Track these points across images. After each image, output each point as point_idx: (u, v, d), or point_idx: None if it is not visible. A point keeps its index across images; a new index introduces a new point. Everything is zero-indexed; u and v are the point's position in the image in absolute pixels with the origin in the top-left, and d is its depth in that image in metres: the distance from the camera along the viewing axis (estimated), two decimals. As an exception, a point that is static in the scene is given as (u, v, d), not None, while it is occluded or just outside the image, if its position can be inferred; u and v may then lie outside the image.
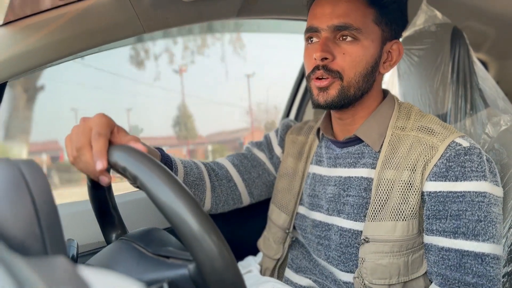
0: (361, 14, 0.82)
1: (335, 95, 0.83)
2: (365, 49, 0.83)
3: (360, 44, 0.82)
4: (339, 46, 0.83)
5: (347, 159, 0.90)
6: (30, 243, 0.42)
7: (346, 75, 0.83)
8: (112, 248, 0.66)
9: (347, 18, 0.82)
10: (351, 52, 0.82)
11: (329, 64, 0.83)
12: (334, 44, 0.83)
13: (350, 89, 0.84)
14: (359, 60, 0.83)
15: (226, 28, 1.39)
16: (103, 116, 0.64)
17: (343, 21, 0.82)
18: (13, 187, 0.44)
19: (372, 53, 0.84)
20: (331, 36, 0.83)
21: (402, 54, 0.89)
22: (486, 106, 1.08)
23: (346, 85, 0.83)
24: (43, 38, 0.82)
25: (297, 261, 1.00)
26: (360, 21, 0.82)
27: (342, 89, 0.83)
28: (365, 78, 0.84)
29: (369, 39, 0.83)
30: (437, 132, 0.81)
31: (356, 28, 0.82)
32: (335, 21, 0.82)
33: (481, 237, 0.73)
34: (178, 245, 0.63)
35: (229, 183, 1.04)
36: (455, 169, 0.76)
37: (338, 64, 0.83)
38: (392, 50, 0.88)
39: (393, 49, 0.88)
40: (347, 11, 0.82)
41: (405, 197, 0.79)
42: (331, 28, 0.83)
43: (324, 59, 0.82)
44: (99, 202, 0.74)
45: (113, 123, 0.65)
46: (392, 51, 0.88)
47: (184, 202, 0.48)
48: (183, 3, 0.94)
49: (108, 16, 0.87)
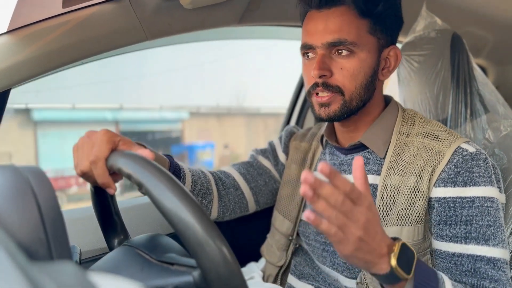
0: (355, 27, 0.81)
1: (337, 109, 0.83)
2: (362, 61, 0.82)
3: (356, 57, 0.82)
4: (336, 62, 0.82)
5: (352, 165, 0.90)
6: (36, 248, 0.42)
7: (347, 90, 0.83)
8: (116, 254, 0.66)
9: (341, 33, 0.80)
10: (349, 66, 0.82)
11: (328, 80, 0.82)
12: (331, 60, 0.83)
13: (352, 102, 0.84)
14: (357, 73, 0.82)
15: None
16: (105, 133, 0.67)
17: (337, 36, 0.81)
18: (19, 194, 0.44)
19: (369, 63, 0.84)
20: (326, 52, 0.83)
21: (400, 58, 0.89)
22: (486, 112, 1.09)
23: (348, 99, 0.83)
24: (46, 45, 0.83)
25: (300, 268, 1.00)
26: (354, 34, 0.81)
27: (344, 104, 0.83)
28: (366, 88, 0.84)
29: (365, 51, 0.82)
30: (442, 138, 0.82)
31: (351, 42, 0.81)
32: (329, 38, 0.81)
33: (491, 242, 0.74)
34: (182, 252, 0.64)
35: (236, 191, 1.05)
36: (464, 174, 0.76)
37: (337, 80, 0.82)
38: (389, 56, 0.87)
39: (390, 55, 0.87)
40: (340, 25, 0.81)
41: (411, 202, 0.79)
42: (326, 45, 0.82)
43: (323, 76, 0.82)
44: (102, 208, 0.74)
45: (115, 138, 0.67)
46: (389, 57, 0.88)
47: (189, 209, 0.48)
48: (186, 10, 0.95)
49: (111, 23, 0.88)
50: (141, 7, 0.90)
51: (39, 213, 0.44)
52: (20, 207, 0.43)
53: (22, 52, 0.82)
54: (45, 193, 0.45)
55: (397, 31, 0.90)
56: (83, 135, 0.70)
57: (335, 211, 0.56)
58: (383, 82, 0.92)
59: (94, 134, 0.68)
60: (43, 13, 0.83)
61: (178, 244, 0.66)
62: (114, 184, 0.67)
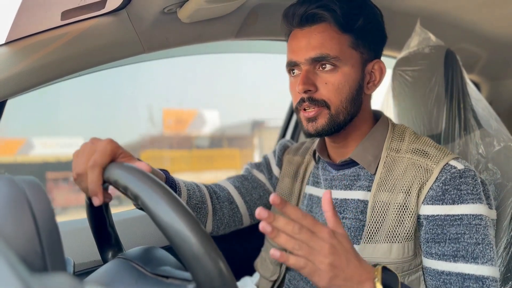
0: (336, 42, 0.83)
1: (324, 123, 0.84)
2: (346, 75, 0.84)
3: (340, 71, 0.83)
4: (320, 77, 0.84)
5: (343, 181, 0.91)
6: (31, 260, 0.42)
7: (332, 104, 0.84)
8: (110, 266, 0.65)
9: (323, 49, 0.82)
10: (333, 80, 0.83)
11: (313, 95, 0.84)
12: (315, 75, 0.84)
13: (339, 116, 0.85)
14: (342, 86, 0.83)
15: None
16: (110, 142, 0.67)
17: (319, 52, 0.82)
18: (15, 205, 0.44)
19: (354, 77, 0.85)
20: (310, 68, 0.84)
21: (385, 72, 0.90)
22: (479, 127, 1.10)
23: (335, 113, 0.84)
24: (44, 57, 0.83)
25: (295, 282, 0.99)
26: (336, 49, 0.82)
27: (331, 118, 0.84)
28: (351, 102, 0.85)
29: (348, 65, 0.84)
30: (431, 154, 0.82)
31: (333, 57, 0.82)
32: (311, 54, 0.83)
33: (480, 259, 0.74)
34: (177, 265, 0.63)
35: (231, 205, 1.04)
36: (451, 192, 0.77)
37: (322, 94, 0.84)
38: (374, 70, 0.89)
39: (375, 69, 0.89)
40: (322, 41, 0.83)
41: (400, 219, 0.79)
42: (309, 61, 0.83)
43: (308, 91, 0.83)
44: (97, 220, 0.74)
45: (117, 150, 0.67)
46: (374, 71, 0.89)
47: (185, 222, 0.49)
48: (183, 24, 0.96)
49: (109, 36, 0.89)
50: (139, 20, 0.91)
51: (34, 225, 0.44)
52: (16, 219, 0.43)
53: (20, 63, 0.82)
54: (41, 204, 0.45)
55: (380, 45, 0.91)
56: (87, 141, 0.70)
57: (296, 241, 0.58)
58: (370, 96, 0.92)
59: (98, 141, 0.68)
60: (42, 25, 0.84)
61: (173, 257, 0.66)
62: (102, 196, 0.66)
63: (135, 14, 0.90)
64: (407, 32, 1.20)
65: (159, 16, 0.92)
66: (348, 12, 0.83)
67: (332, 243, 0.59)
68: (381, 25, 0.90)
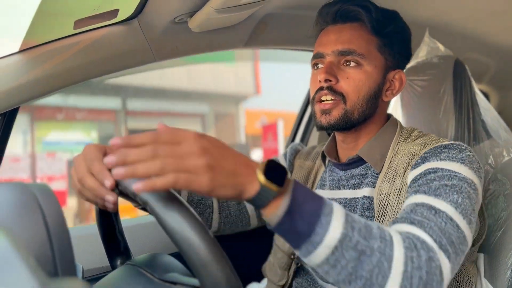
0: (365, 41, 0.86)
1: (337, 117, 0.86)
2: (368, 75, 0.86)
3: (363, 69, 0.86)
4: (343, 71, 0.86)
5: (351, 180, 0.91)
6: (42, 264, 0.43)
7: (349, 99, 0.85)
8: (119, 273, 0.66)
9: (351, 44, 0.85)
10: (354, 76, 0.85)
11: (333, 85, 0.86)
12: (338, 69, 0.86)
13: (354, 113, 0.86)
14: (362, 84, 0.86)
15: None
16: (93, 145, 0.64)
17: (347, 46, 0.85)
18: (27, 211, 0.45)
19: (374, 78, 0.87)
20: (335, 60, 0.87)
21: (405, 83, 0.92)
22: (488, 137, 1.09)
23: (350, 109, 0.86)
24: (57, 65, 0.85)
25: (303, 288, 0.99)
26: (363, 47, 0.86)
27: (345, 113, 0.85)
28: (368, 102, 0.87)
29: (372, 65, 0.86)
30: (427, 142, 0.83)
31: (359, 54, 0.85)
32: (339, 47, 0.86)
33: (442, 197, 0.70)
34: (184, 271, 0.64)
35: (238, 205, 1.05)
36: (430, 158, 0.77)
37: (342, 87, 0.86)
38: (394, 79, 0.91)
39: (395, 78, 0.91)
40: (351, 38, 0.86)
41: (399, 203, 0.80)
42: (335, 53, 0.86)
43: (328, 81, 0.85)
44: (106, 227, 0.75)
45: (101, 146, 0.64)
46: (394, 80, 0.91)
47: (193, 228, 0.49)
48: (193, 33, 0.97)
49: (120, 44, 0.90)
50: (150, 29, 0.92)
51: (46, 230, 0.44)
52: (28, 224, 0.44)
53: (32, 71, 0.84)
54: (52, 210, 0.46)
55: (404, 58, 0.94)
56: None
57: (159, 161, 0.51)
58: (387, 104, 0.94)
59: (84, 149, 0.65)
60: (55, 34, 0.85)
61: (181, 264, 0.66)
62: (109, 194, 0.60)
63: (146, 23, 0.91)
64: (416, 42, 1.20)
65: (170, 25, 0.93)
66: (381, 15, 0.87)
67: (201, 144, 0.53)
68: (408, 40, 0.93)
